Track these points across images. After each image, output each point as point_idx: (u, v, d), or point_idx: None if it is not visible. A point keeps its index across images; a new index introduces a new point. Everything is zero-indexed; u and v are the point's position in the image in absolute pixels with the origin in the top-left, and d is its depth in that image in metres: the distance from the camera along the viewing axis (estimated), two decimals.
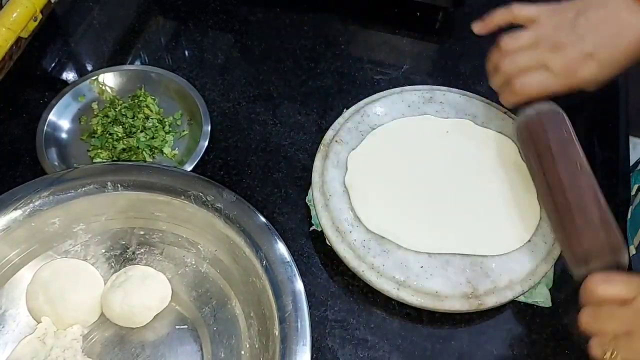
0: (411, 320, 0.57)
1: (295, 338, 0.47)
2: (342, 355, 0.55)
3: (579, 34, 0.55)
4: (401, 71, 0.76)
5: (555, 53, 0.56)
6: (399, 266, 0.56)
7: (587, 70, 0.56)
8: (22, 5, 0.70)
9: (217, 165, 0.67)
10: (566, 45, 0.56)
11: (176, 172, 0.57)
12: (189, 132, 0.69)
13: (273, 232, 0.53)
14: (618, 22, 0.55)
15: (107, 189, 0.55)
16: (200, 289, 0.57)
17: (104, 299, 0.55)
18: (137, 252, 0.58)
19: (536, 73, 0.57)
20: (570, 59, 0.56)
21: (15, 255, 0.55)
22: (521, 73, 0.57)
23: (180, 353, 0.54)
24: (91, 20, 0.81)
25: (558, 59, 0.56)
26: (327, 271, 0.60)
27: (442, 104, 0.68)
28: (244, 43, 0.79)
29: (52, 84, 0.73)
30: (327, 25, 0.80)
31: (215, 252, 0.56)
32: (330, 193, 0.61)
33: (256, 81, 0.75)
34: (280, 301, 0.49)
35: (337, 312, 0.58)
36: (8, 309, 0.54)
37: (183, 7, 0.82)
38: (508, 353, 0.56)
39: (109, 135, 0.67)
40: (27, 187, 0.54)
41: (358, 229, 0.59)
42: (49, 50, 0.77)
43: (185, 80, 0.71)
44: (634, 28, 0.55)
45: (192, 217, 0.55)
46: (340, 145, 0.64)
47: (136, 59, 0.77)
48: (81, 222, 0.56)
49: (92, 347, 0.54)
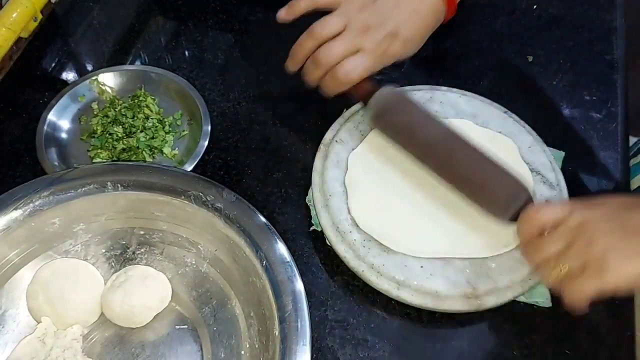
0: (411, 320, 0.57)
1: (295, 338, 0.47)
2: (342, 355, 0.55)
3: (382, 14, 0.59)
4: (401, 71, 0.75)
5: (365, 35, 0.59)
6: (399, 266, 0.56)
7: (394, 48, 0.60)
8: (22, 5, 0.70)
9: (217, 165, 0.67)
10: (372, 27, 0.59)
11: (176, 172, 0.57)
12: (189, 132, 0.69)
13: (273, 232, 0.53)
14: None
15: (107, 189, 0.55)
16: (200, 289, 0.57)
17: (104, 299, 0.55)
18: (137, 252, 0.58)
19: (354, 59, 0.59)
20: (378, 39, 0.59)
21: (15, 255, 0.55)
22: (340, 61, 0.59)
23: (180, 353, 0.54)
24: (91, 20, 0.81)
25: (368, 41, 0.59)
26: (327, 271, 0.60)
27: (442, 103, 0.68)
28: (244, 43, 0.79)
29: (52, 84, 0.73)
30: None
31: (215, 252, 0.56)
32: (330, 193, 0.61)
33: (256, 81, 0.75)
34: (280, 301, 0.49)
35: (337, 312, 0.58)
36: (8, 309, 0.54)
37: (183, 7, 0.82)
38: (508, 353, 0.56)
39: (109, 135, 0.67)
40: (27, 187, 0.54)
41: (358, 229, 0.59)
42: (49, 50, 0.77)
43: (185, 80, 0.71)
44: (428, 2, 0.61)
45: (192, 217, 0.55)
46: (341, 145, 0.64)
47: (136, 59, 0.77)
48: (81, 222, 0.56)
49: (92, 347, 0.54)
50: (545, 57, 0.77)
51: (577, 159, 0.67)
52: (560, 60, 0.77)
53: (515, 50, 0.78)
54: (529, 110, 0.71)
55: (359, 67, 0.59)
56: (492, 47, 0.79)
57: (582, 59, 0.77)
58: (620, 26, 0.80)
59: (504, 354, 0.56)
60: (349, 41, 0.59)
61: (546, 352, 0.56)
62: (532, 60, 0.77)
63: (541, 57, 0.77)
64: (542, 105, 0.73)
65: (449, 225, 0.59)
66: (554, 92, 0.74)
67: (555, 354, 0.56)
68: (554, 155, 0.65)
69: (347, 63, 0.59)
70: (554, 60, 0.77)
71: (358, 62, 0.59)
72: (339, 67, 0.59)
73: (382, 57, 0.60)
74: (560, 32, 0.80)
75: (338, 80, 0.60)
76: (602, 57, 0.77)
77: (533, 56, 0.77)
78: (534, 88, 0.74)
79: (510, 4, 0.83)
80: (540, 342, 0.56)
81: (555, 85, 0.75)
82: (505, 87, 0.74)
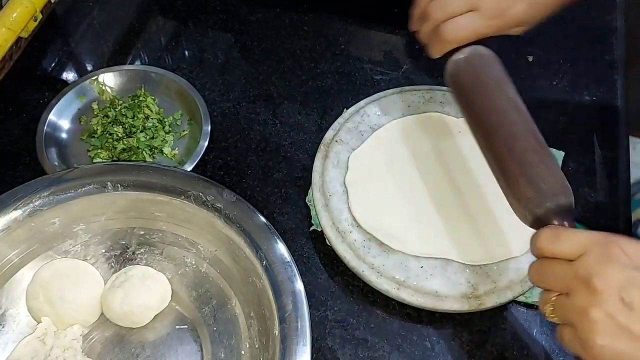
0: (411, 320, 0.57)
1: (295, 338, 0.47)
2: (342, 355, 0.55)
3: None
4: (401, 71, 0.75)
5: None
6: (399, 266, 0.57)
7: (518, 9, 0.54)
8: (22, 5, 0.70)
9: (217, 165, 0.67)
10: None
11: (176, 172, 0.57)
12: (189, 132, 0.69)
13: (273, 232, 0.53)
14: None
15: (107, 189, 0.55)
16: (200, 289, 0.57)
17: (104, 299, 0.55)
18: (137, 252, 0.58)
19: (465, 17, 0.54)
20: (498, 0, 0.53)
21: (15, 255, 0.55)
22: (450, 18, 0.54)
23: (180, 353, 0.54)
24: (91, 20, 0.81)
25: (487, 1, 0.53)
26: (327, 271, 0.60)
27: (442, 104, 0.68)
28: (244, 43, 0.79)
29: (52, 84, 0.73)
30: (327, 25, 0.80)
31: (215, 252, 0.56)
32: (330, 193, 0.61)
33: (256, 81, 0.75)
34: (280, 301, 0.49)
35: (337, 312, 0.58)
36: (8, 309, 0.54)
37: (183, 7, 0.82)
38: (508, 353, 0.56)
39: (109, 135, 0.67)
40: (27, 187, 0.54)
41: (358, 229, 0.59)
42: (49, 50, 0.77)
43: (185, 80, 0.71)
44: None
45: (192, 217, 0.55)
46: (341, 145, 0.64)
47: (136, 59, 0.77)
48: (81, 222, 0.56)
49: (92, 347, 0.54)
50: (545, 57, 0.77)
51: (577, 159, 0.67)
52: (560, 60, 0.77)
53: (515, 50, 0.78)
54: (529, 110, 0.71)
55: (467, 26, 0.54)
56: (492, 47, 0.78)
57: (582, 59, 0.77)
58: (620, 26, 0.80)
59: (504, 354, 0.56)
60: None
61: (546, 352, 0.56)
62: (532, 60, 0.77)
63: (541, 57, 0.77)
64: (542, 105, 0.73)
65: (450, 226, 0.59)
66: (554, 92, 0.74)
67: (555, 354, 0.56)
68: (554, 155, 0.65)
69: (455, 21, 0.53)
70: (554, 60, 0.77)
71: (469, 21, 0.53)
72: (445, 24, 0.54)
73: (500, 18, 0.54)
74: (560, 32, 0.80)
75: (443, 38, 0.54)
76: (602, 57, 0.77)
77: (533, 56, 0.77)
78: (534, 88, 0.74)
79: None
80: (540, 342, 0.56)
81: (555, 85, 0.75)
82: None
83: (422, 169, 0.63)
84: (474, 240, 0.58)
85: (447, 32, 0.54)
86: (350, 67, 0.76)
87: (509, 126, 0.51)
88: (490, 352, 0.56)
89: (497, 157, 0.51)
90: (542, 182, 0.47)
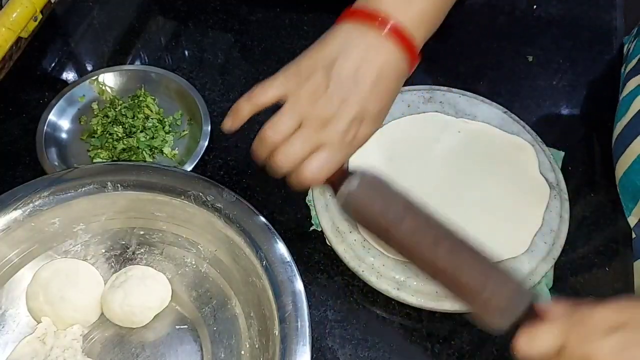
0: (411, 320, 0.57)
1: (295, 338, 0.47)
2: (342, 355, 0.55)
3: (339, 99, 0.48)
4: None
5: (325, 129, 0.49)
6: (399, 266, 0.56)
7: (363, 132, 0.50)
8: (22, 5, 0.70)
9: (217, 165, 0.67)
10: (332, 118, 0.48)
11: (176, 172, 0.57)
12: (189, 132, 0.69)
13: (273, 232, 0.53)
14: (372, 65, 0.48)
15: (107, 189, 0.55)
16: (200, 289, 0.57)
17: (104, 299, 0.55)
18: (137, 252, 0.58)
19: (318, 156, 0.49)
20: (342, 129, 0.48)
21: (15, 255, 0.55)
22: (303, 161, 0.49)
23: (180, 353, 0.54)
24: (91, 20, 0.81)
25: (331, 134, 0.49)
26: (327, 271, 0.60)
27: (442, 104, 0.68)
28: (244, 43, 0.78)
29: (52, 84, 0.73)
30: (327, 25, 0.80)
31: (215, 252, 0.56)
32: (330, 193, 0.61)
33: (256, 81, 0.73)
34: (280, 301, 0.49)
35: (337, 312, 0.58)
36: (8, 309, 0.54)
37: (183, 7, 0.82)
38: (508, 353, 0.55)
39: (109, 135, 0.67)
40: (27, 187, 0.54)
41: (358, 230, 0.59)
42: (49, 50, 0.77)
43: (185, 80, 0.71)
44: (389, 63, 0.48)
45: (192, 217, 0.55)
46: None
47: (136, 59, 0.77)
48: (81, 222, 0.56)
49: (92, 347, 0.54)
50: (545, 57, 0.77)
51: (577, 159, 0.67)
52: (560, 60, 0.77)
53: (515, 50, 0.78)
54: (529, 110, 0.71)
55: (325, 165, 0.49)
56: (492, 47, 0.79)
57: (582, 59, 0.77)
58: (620, 26, 0.80)
59: (504, 354, 0.56)
60: (307, 139, 0.49)
61: None
62: (532, 60, 0.77)
63: (541, 57, 0.77)
64: (542, 105, 0.73)
65: None
66: (554, 92, 0.74)
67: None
68: (554, 155, 0.65)
69: (310, 164, 0.49)
70: (554, 60, 0.77)
71: (323, 160, 0.49)
72: (303, 170, 0.49)
73: (350, 146, 0.50)
74: (560, 32, 0.80)
75: (305, 181, 0.49)
76: (602, 57, 0.77)
77: (533, 56, 0.77)
78: (534, 88, 0.74)
79: (510, 4, 0.83)
80: None
81: (555, 85, 0.75)
82: (505, 87, 0.74)
83: (421, 169, 0.63)
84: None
85: (309, 177, 0.49)
86: None
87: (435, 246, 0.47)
88: (490, 352, 0.56)
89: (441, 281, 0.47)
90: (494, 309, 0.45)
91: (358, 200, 0.49)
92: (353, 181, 0.49)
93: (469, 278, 0.46)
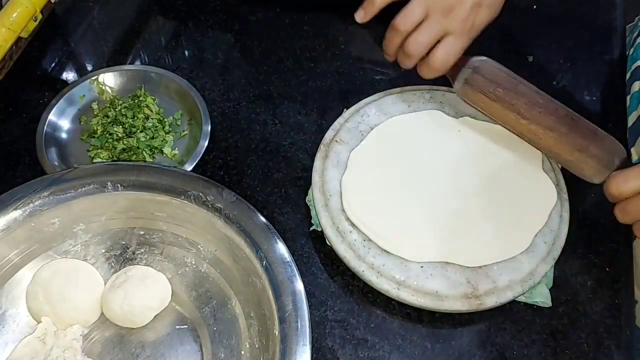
0: (411, 320, 0.57)
1: (295, 338, 0.47)
2: (342, 355, 0.55)
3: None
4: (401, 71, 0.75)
5: (449, 17, 0.58)
6: (399, 266, 0.56)
7: (480, 18, 0.60)
8: (22, 5, 0.70)
9: (217, 165, 0.67)
10: (454, 5, 0.58)
11: (176, 172, 0.57)
12: (189, 132, 0.69)
13: (273, 232, 0.53)
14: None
15: (107, 189, 0.55)
16: (200, 289, 0.57)
17: (104, 299, 0.55)
18: (137, 252, 0.58)
19: (445, 43, 0.59)
20: (463, 16, 0.58)
21: (15, 255, 0.55)
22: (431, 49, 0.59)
23: (180, 353, 0.54)
24: (91, 20, 0.81)
25: (454, 22, 0.59)
26: (327, 271, 0.60)
27: (442, 104, 0.68)
28: (244, 43, 0.79)
29: (52, 84, 0.73)
30: (327, 25, 0.80)
31: (215, 252, 0.56)
32: (330, 193, 0.61)
33: (256, 81, 0.75)
34: (280, 301, 0.49)
35: (337, 312, 0.58)
36: (8, 309, 0.54)
37: (183, 7, 0.82)
38: (508, 353, 0.56)
39: (109, 135, 0.67)
40: (27, 187, 0.54)
41: (358, 229, 0.59)
42: (49, 50, 0.77)
43: (185, 80, 0.71)
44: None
45: (192, 217, 0.55)
46: (341, 145, 0.64)
47: (136, 59, 0.77)
48: (81, 222, 0.56)
49: (92, 347, 0.54)
50: (545, 57, 0.77)
51: None
52: (560, 60, 0.77)
53: (515, 50, 0.78)
54: None
55: (451, 51, 0.60)
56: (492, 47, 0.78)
57: (582, 59, 0.77)
58: (620, 26, 0.80)
59: (504, 354, 0.56)
60: (434, 28, 0.59)
61: (546, 352, 0.56)
62: (532, 60, 0.77)
63: (541, 57, 0.77)
64: None
65: (449, 227, 0.59)
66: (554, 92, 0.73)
67: (555, 354, 0.56)
68: None
69: (438, 51, 0.59)
70: (554, 60, 0.77)
71: (449, 46, 0.59)
72: (432, 57, 0.59)
73: (470, 31, 0.60)
74: (560, 32, 0.80)
75: (434, 68, 0.60)
76: (602, 57, 0.77)
77: (533, 56, 0.77)
78: None
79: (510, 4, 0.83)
80: (540, 342, 0.56)
81: (555, 85, 0.75)
82: None
83: (421, 169, 0.63)
84: (473, 241, 0.58)
85: (438, 64, 0.60)
86: (350, 67, 0.76)
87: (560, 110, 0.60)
88: (490, 352, 0.56)
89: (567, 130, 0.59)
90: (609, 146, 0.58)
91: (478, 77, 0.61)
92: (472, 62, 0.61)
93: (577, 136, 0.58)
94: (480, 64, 0.61)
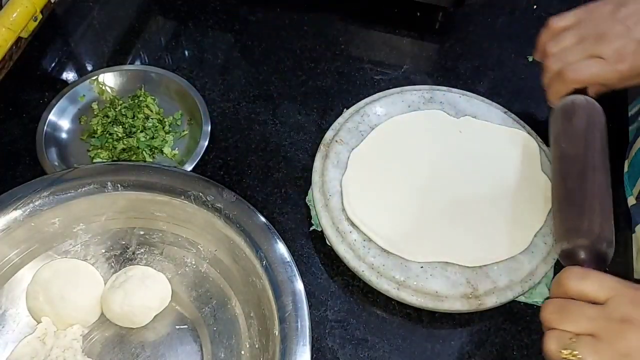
0: (411, 320, 0.57)
1: (295, 338, 0.47)
2: (342, 355, 0.55)
3: (624, 25, 0.55)
4: (401, 71, 0.75)
5: (602, 43, 0.56)
6: (399, 266, 0.57)
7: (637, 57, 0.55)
8: (22, 5, 0.70)
9: (217, 165, 0.67)
10: (611, 36, 0.56)
11: (176, 172, 0.57)
12: (189, 132, 0.69)
13: (273, 232, 0.53)
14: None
15: (107, 189, 0.55)
16: (200, 289, 0.57)
17: (104, 299, 0.55)
18: (137, 252, 0.58)
19: (587, 61, 0.57)
20: (620, 46, 0.55)
21: (15, 255, 0.55)
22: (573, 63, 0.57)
23: (180, 353, 0.54)
24: (91, 20, 0.81)
25: (607, 48, 0.56)
26: (327, 271, 0.60)
27: (442, 104, 0.68)
28: (244, 43, 0.79)
29: (52, 84, 0.73)
30: (327, 25, 0.80)
31: (215, 252, 0.56)
32: (330, 193, 0.61)
33: (256, 81, 0.75)
34: (280, 301, 0.49)
35: (337, 312, 0.58)
36: (8, 309, 0.54)
37: (183, 7, 0.82)
38: (508, 353, 0.56)
39: (109, 135, 0.67)
40: (27, 187, 0.54)
41: (358, 229, 0.59)
42: (49, 50, 0.77)
43: (185, 80, 0.71)
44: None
45: (192, 217, 0.55)
46: (341, 145, 0.64)
47: (136, 59, 0.77)
48: (81, 222, 0.56)
49: (92, 347, 0.54)
50: None
51: None
52: None
53: (515, 50, 0.78)
54: (529, 110, 0.71)
55: (590, 69, 0.57)
56: (492, 47, 0.79)
57: None
58: None
59: (504, 354, 0.56)
60: (583, 48, 0.57)
61: None
62: (532, 60, 0.77)
63: None
64: (542, 105, 0.73)
65: (449, 227, 0.59)
66: None
67: None
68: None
69: (577, 64, 0.57)
70: None
71: (590, 64, 0.57)
72: (569, 66, 0.57)
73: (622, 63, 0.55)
74: None
75: (566, 79, 0.58)
76: None
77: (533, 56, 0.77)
78: (534, 88, 0.74)
79: (510, 4, 0.83)
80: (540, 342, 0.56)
81: None
82: (505, 87, 0.74)
83: (421, 169, 0.63)
84: (473, 241, 0.58)
85: (571, 74, 0.57)
86: (350, 67, 0.76)
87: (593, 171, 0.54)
88: (490, 352, 0.56)
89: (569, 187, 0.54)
90: (599, 225, 0.50)
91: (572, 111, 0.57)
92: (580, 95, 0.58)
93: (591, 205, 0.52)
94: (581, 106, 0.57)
